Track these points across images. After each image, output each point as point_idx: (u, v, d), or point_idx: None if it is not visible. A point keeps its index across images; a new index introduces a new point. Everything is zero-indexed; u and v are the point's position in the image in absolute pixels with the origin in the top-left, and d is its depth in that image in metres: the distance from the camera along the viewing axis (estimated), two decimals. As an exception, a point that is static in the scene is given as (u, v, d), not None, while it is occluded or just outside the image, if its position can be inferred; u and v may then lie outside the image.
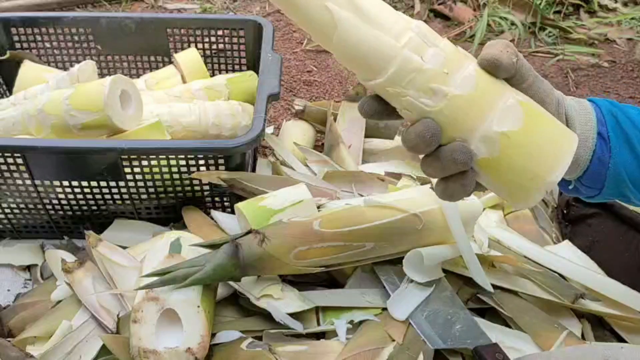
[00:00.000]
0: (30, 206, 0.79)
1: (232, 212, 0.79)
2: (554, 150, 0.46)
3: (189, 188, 0.79)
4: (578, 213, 0.82)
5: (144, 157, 0.74)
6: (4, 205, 0.79)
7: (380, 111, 0.49)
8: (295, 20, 0.47)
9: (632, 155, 0.51)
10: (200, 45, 1.04)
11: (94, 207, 0.80)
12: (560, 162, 0.46)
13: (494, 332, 0.64)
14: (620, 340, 0.67)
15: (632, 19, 1.56)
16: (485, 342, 0.62)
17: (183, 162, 0.76)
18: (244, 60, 1.05)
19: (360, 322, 0.66)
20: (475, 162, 0.46)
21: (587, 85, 1.32)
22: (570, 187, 0.55)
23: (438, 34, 0.47)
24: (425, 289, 0.67)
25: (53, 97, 0.80)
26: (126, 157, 0.73)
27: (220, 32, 1.02)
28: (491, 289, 0.68)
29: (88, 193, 0.78)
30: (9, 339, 0.65)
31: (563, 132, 0.47)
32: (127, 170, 0.75)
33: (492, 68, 0.46)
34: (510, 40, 1.45)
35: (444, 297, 0.67)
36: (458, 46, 0.48)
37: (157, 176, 0.77)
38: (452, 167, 0.46)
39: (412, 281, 0.67)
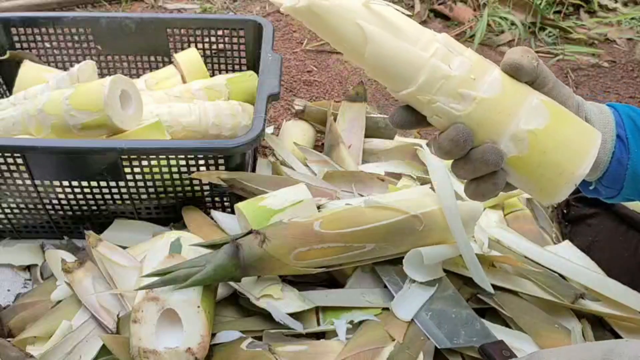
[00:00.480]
0: (30, 206, 0.79)
1: (232, 212, 0.79)
2: (579, 145, 0.48)
3: (189, 188, 0.79)
4: (578, 213, 0.82)
5: (144, 157, 0.74)
6: (4, 205, 0.79)
7: (410, 121, 0.51)
8: (328, 39, 0.49)
9: None
10: (200, 45, 1.04)
11: (94, 207, 0.80)
12: (586, 156, 0.48)
13: (494, 332, 0.64)
14: (620, 340, 0.67)
15: (632, 19, 1.56)
16: (490, 339, 0.62)
17: (183, 162, 0.76)
18: (244, 60, 1.05)
19: (360, 322, 0.66)
20: (505, 161, 0.48)
21: (587, 85, 1.32)
22: (590, 188, 0.57)
23: (462, 45, 0.50)
24: (428, 289, 0.67)
25: (53, 97, 0.80)
26: (126, 157, 0.73)
27: (220, 32, 1.02)
28: (491, 290, 0.68)
29: (88, 193, 0.78)
30: (9, 339, 0.65)
31: (587, 128, 0.49)
32: (127, 170, 0.75)
33: (514, 72, 0.49)
34: (510, 40, 1.46)
35: (447, 297, 0.67)
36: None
37: (157, 176, 0.77)
38: (483, 168, 0.48)
39: (414, 281, 0.67)
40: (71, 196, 0.78)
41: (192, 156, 0.75)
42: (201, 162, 0.76)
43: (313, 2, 0.46)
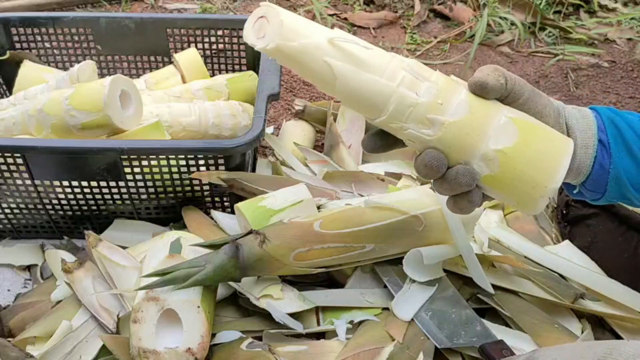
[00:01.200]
0: (30, 206, 0.79)
1: (232, 212, 0.79)
2: (550, 158, 0.49)
3: (189, 188, 0.79)
4: (577, 213, 0.82)
5: (144, 157, 0.74)
6: (4, 205, 0.79)
7: (381, 145, 0.54)
8: (301, 75, 0.52)
9: (632, 160, 0.53)
10: (200, 45, 1.04)
11: (94, 207, 0.80)
12: (558, 169, 0.49)
13: (494, 332, 0.64)
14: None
15: (632, 19, 1.56)
16: (491, 339, 0.62)
17: (183, 162, 0.76)
18: (244, 60, 1.05)
19: (360, 322, 0.66)
20: (480, 179, 0.50)
21: (587, 85, 1.32)
22: (575, 192, 0.57)
23: (429, 68, 0.51)
24: (428, 289, 0.67)
25: (53, 97, 0.80)
26: (126, 157, 0.73)
27: (220, 32, 1.02)
28: (492, 290, 0.68)
29: (88, 193, 0.78)
30: (9, 339, 0.65)
31: (558, 140, 0.50)
32: (127, 170, 0.75)
33: (480, 90, 0.50)
34: (510, 41, 1.46)
35: (447, 297, 0.67)
36: (451, 75, 0.52)
37: (157, 176, 0.77)
38: (458, 188, 0.50)
39: (414, 281, 0.67)
40: (71, 196, 0.78)
41: (192, 156, 0.75)
42: (201, 162, 0.76)
43: (281, 43, 0.48)
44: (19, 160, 0.73)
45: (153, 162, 0.75)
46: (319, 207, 0.76)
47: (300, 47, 0.48)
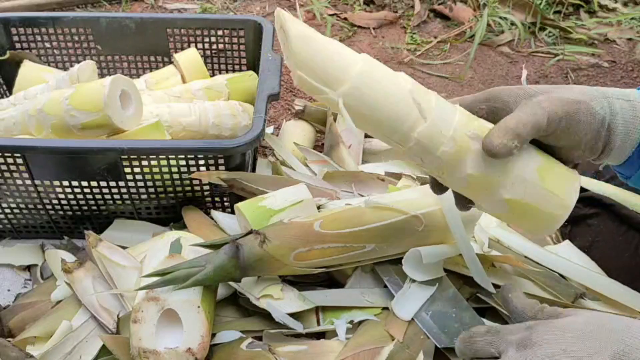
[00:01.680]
0: (30, 206, 0.79)
1: (232, 212, 0.79)
2: (542, 223, 0.55)
3: (189, 188, 0.79)
4: (578, 213, 0.81)
5: (144, 157, 0.74)
6: (4, 205, 0.79)
7: None
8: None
9: None
10: (200, 45, 1.04)
11: (94, 207, 0.80)
12: (551, 228, 0.55)
13: (494, 332, 0.64)
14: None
15: (632, 19, 1.56)
16: None
17: (183, 162, 0.76)
18: (244, 60, 1.05)
19: (360, 322, 0.66)
20: None
21: (587, 85, 1.31)
22: (601, 167, 0.62)
23: (448, 122, 0.51)
24: (428, 288, 0.67)
25: (53, 97, 0.80)
26: (126, 157, 0.73)
27: (220, 32, 1.02)
28: (493, 290, 0.68)
29: (88, 193, 0.78)
30: (9, 339, 0.65)
31: (549, 214, 0.54)
32: (127, 170, 0.75)
33: (489, 154, 0.50)
34: (510, 41, 1.45)
35: (448, 296, 0.67)
36: (473, 120, 0.53)
37: (157, 176, 0.77)
38: None
39: (414, 281, 0.67)
40: (71, 196, 0.78)
41: (192, 156, 0.75)
42: (201, 162, 0.76)
43: (299, 73, 0.49)
44: (19, 160, 0.73)
45: (153, 162, 0.75)
46: (319, 207, 0.76)
47: (316, 88, 0.49)
